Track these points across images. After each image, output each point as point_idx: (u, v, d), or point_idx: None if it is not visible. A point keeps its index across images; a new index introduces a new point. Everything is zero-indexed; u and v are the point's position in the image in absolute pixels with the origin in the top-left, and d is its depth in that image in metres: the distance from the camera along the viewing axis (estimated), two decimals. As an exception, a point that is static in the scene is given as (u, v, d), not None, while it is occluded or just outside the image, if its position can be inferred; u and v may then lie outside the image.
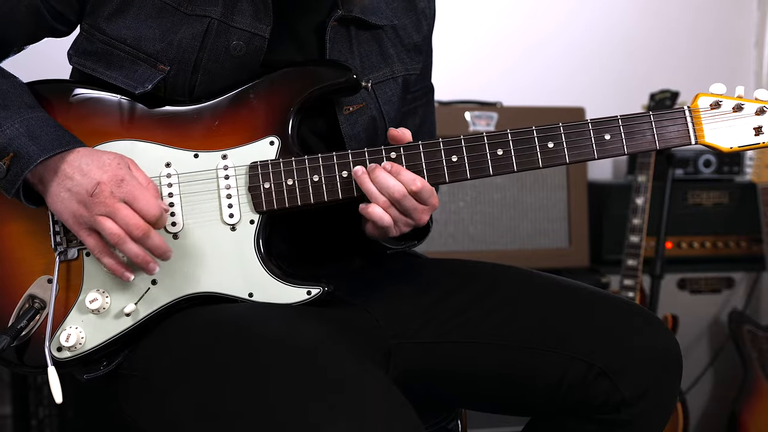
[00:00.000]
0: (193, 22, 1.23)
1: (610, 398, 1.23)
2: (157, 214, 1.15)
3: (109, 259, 1.17)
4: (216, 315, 1.17)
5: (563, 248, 2.64)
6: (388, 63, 1.37)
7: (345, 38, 1.32)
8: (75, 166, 1.15)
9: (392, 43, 1.38)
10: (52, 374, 1.16)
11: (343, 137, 1.31)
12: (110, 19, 1.23)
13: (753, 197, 2.76)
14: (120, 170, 1.15)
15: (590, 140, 1.22)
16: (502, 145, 1.22)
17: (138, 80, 1.23)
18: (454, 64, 3.03)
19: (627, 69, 3.17)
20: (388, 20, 1.36)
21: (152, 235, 1.15)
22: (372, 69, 1.34)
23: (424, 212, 1.22)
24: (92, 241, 1.16)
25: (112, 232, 1.13)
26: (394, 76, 1.38)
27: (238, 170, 1.22)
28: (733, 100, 1.24)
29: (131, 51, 1.23)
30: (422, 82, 1.48)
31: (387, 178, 1.18)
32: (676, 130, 1.23)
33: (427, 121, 1.52)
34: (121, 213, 1.13)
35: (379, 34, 1.36)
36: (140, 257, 1.15)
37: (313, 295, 1.20)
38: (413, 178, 1.19)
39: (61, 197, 1.15)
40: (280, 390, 0.99)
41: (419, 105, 1.49)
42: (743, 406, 2.64)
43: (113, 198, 1.13)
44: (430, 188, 1.21)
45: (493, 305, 1.29)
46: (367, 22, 1.33)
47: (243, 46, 1.24)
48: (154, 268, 1.17)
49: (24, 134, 1.15)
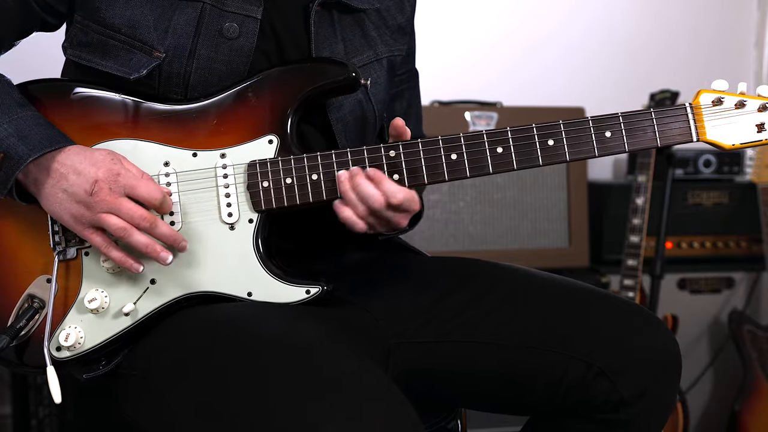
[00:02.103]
0: (185, 7, 1.23)
1: (609, 398, 1.22)
2: (159, 197, 1.15)
3: (116, 253, 1.16)
4: (215, 315, 1.16)
5: (563, 248, 2.64)
6: (371, 45, 1.37)
7: (328, 22, 1.32)
8: (68, 166, 1.14)
9: (375, 26, 1.38)
10: (51, 374, 1.16)
11: (330, 121, 1.31)
12: (103, 8, 1.23)
13: (753, 197, 2.76)
14: (114, 165, 1.14)
15: (591, 137, 1.21)
16: (501, 142, 1.21)
17: (133, 67, 1.22)
18: (454, 64, 3.03)
19: (627, 69, 3.17)
20: (370, 4, 1.37)
21: (159, 224, 1.15)
22: (355, 52, 1.35)
23: (403, 218, 1.21)
24: (97, 238, 1.16)
25: (117, 226, 1.13)
26: (378, 58, 1.38)
27: (236, 169, 1.21)
28: (735, 97, 1.23)
29: (126, 39, 1.23)
30: (407, 65, 1.49)
31: (367, 186, 1.17)
32: (678, 127, 1.22)
33: (413, 104, 1.53)
34: (124, 207, 1.13)
35: (361, 17, 1.36)
36: (150, 246, 1.15)
37: (312, 294, 1.20)
38: (395, 190, 1.17)
39: (59, 198, 1.15)
40: (279, 389, 0.98)
41: (405, 88, 1.50)
42: (743, 406, 2.64)
43: (113, 194, 1.13)
44: (411, 198, 1.19)
45: (493, 305, 1.28)
46: (349, 5, 1.34)
47: (236, 28, 1.24)
48: (167, 257, 1.16)
49: (13, 134, 1.14)
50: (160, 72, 1.23)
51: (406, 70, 1.49)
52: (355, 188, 1.18)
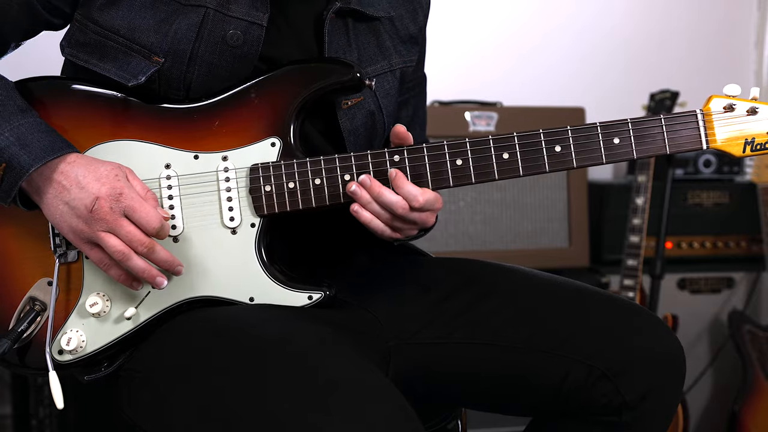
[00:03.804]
0: (188, 12, 1.21)
1: (612, 401, 1.22)
2: (156, 226, 1.13)
3: (115, 271, 1.15)
4: (216, 317, 1.16)
5: (563, 248, 2.64)
6: (386, 56, 1.36)
7: (343, 31, 1.30)
8: (72, 178, 1.13)
9: (389, 36, 1.37)
10: (54, 380, 1.16)
11: (342, 132, 1.30)
12: (103, 10, 1.21)
13: (753, 197, 2.76)
14: (118, 182, 1.13)
15: (599, 144, 1.19)
16: (508, 148, 1.19)
17: (131, 72, 1.21)
18: (454, 64, 3.03)
19: (627, 69, 3.17)
20: (385, 12, 1.35)
21: (157, 249, 1.14)
22: (369, 62, 1.33)
23: (430, 217, 1.21)
24: (96, 254, 1.15)
25: (115, 249, 1.12)
26: (392, 69, 1.37)
27: (238, 172, 1.20)
28: (747, 103, 1.19)
29: (125, 42, 1.21)
30: (416, 72, 1.47)
31: (388, 194, 1.17)
32: (687, 135, 1.19)
33: (418, 111, 1.51)
34: (123, 229, 1.12)
35: (376, 26, 1.35)
36: (146, 272, 1.14)
37: (315, 300, 1.19)
38: (415, 193, 1.17)
39: (60, 210, 1.14)
40: (280, 392, 0.98)
41: (411, 96, 1.48)
42: (743, 406, 2.64)
43: (113, 213, 1.11)
44: (434, 197, 1.19)
45: (494, 306, 1.28)
46: (365, 14, 1.31)
47: (240, 36, 1.22)
48: (162, 282, 1.15)
49: (15, 143, 1.13)
50: (160, 76, 1.21)
51: (415, 77, 1.47)
52: (376, 198, 1.17)
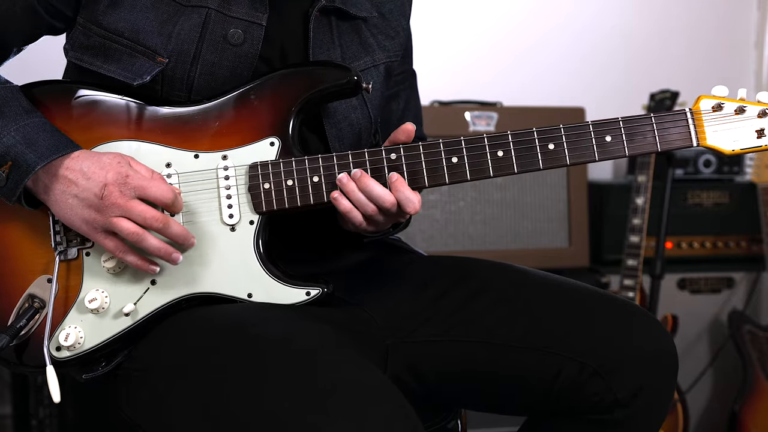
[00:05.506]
0: (190, 13, 1.23)
1: (604, 398, 1.22)
2: (171, 196, 1.15)
3: (132, 257, 1.17)
4: (214, 316, 1.17)
5: (563, 248, 2.64)
6: (369, 52, 1.37)
7: (327, 28, 1.32)
8: (77, 171, 1.15)
9: (372, 33, 1.38)
10: (51, 374, 1.16)
11: (324, 125, 1.31)
12: (106, 12, 1.23)
13: (753, 197, 2.76)
14: (122, 167, 1.15)
15: (591, 142, 1.21)
16: (502, 146, 1.21)
17: (136, 72, 1.22)
18: (454, 64, 3.03)
19: (627, 69, 3.17)
20: (368, 12, 1.37)
21: (171, 224, 1.15)
22: (352, 58, 1.35)
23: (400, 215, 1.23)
24: (111, 243, 1.16)
25: (130, 231, 1.13)
26: (376, 64, 1.38)
27: (238, 171, 1.22)
28: (735, 103, 1.23)
29: (129, 44, 1.23)
30: (403, 65, 1.49)
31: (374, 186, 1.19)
32: (678, 132, 1.22)
33: (411, 103, 1.53)
34: (136, 209, 1.13)
35: (358, 24, 1.37)
36: (162, 250, 1.15)
37: (313, 296, 1.20)
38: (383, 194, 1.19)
39: (69, 204, 1.15)
40: (279, 392, 0.99)
41: (402, 89, 1.50)
42: (743, 406, 2.64)
43: (123, 197, 1.13)
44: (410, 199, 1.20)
45: (488, 304, 1.28)
46: (348, 12, 1.34)
47: (241, 35, 1.24)
48: (178, 258, 1.17)
49: (21, 141, 1.15)
50: (163, 76, 1.23)
51: (403, 71, 1.49)
52: (363, 189, 1.19)
